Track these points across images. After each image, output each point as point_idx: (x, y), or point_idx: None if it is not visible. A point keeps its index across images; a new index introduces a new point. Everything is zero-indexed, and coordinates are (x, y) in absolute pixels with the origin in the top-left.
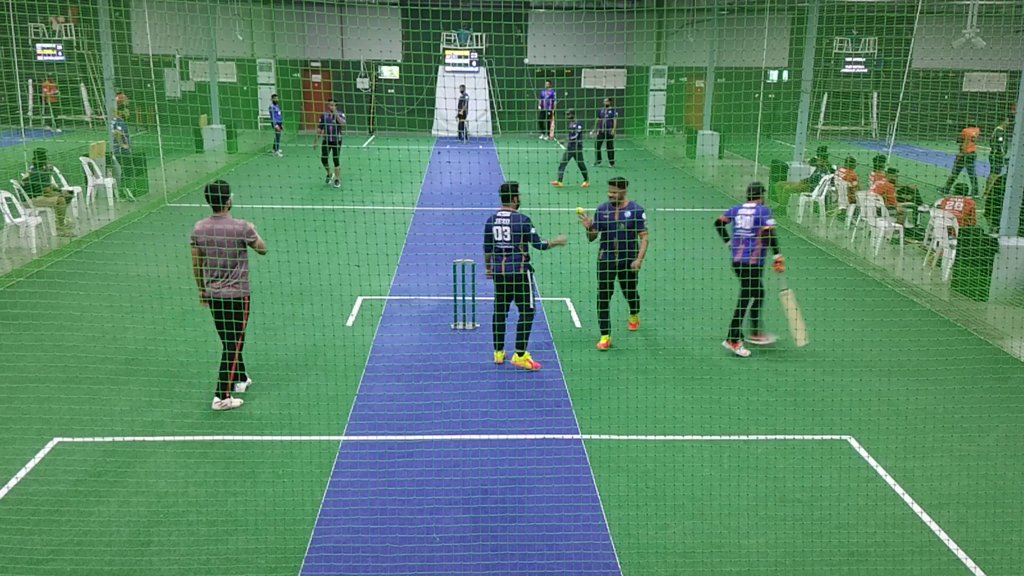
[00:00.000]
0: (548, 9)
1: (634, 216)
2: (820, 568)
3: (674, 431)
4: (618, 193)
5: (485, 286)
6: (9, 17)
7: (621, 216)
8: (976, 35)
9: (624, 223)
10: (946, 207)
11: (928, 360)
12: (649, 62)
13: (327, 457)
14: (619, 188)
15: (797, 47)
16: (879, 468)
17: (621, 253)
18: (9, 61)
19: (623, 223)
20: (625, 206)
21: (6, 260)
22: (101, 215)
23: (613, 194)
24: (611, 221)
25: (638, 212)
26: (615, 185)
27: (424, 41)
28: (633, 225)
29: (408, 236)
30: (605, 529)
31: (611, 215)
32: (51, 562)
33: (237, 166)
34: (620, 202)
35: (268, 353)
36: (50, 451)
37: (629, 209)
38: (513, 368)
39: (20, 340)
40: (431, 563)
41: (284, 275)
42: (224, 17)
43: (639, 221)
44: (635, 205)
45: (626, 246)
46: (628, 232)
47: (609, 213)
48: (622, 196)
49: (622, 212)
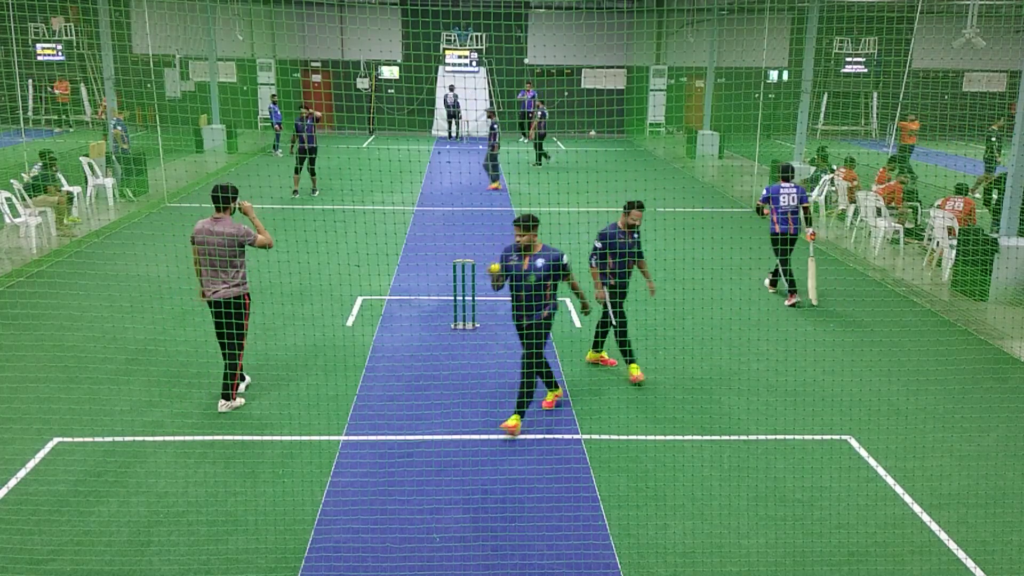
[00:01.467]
0: (548, 9)
1: (548, 267)
2: (820, 568)
3: (674, 431)
4: (525, 237)
5: (485, 286)
6: (9, 17)
7: (531, 266)
8: (976, 35)
9: (533, 275)
10: (946, 207)
11: (928, 360)
12: (649, 62)
13: (327, 457)
14: (525, 230)
15: (797, 47)
16: (879, 468)
17: (528, 308)
18: (9, 61)
19: (532, 274)
20: (538, 251)
21: (6, 260)
22: (101, 215)
23: (520, 237)
24: (518, 272)
25: (554, 259)
26: (521, 226)
27: (424, 41)
28: (547, 278)
29: (408, 236)
30: (605, 529)
31: (518, 264)
32: (51, 562)
33: (237, 166)
34: (531, 247)
35: (268, 353)
36: (50, 451)
37: (542, 257)
38: (513, 368)
39: (20, 340)
40: (431, 563)
41: (284, 275)
42: (224, 17)
43: (555, 273)
44: (551, 252)
45: (533, 304)
46: (537, 286)
47: (517, 261)
48: (532, 240)
49: (532, 260)
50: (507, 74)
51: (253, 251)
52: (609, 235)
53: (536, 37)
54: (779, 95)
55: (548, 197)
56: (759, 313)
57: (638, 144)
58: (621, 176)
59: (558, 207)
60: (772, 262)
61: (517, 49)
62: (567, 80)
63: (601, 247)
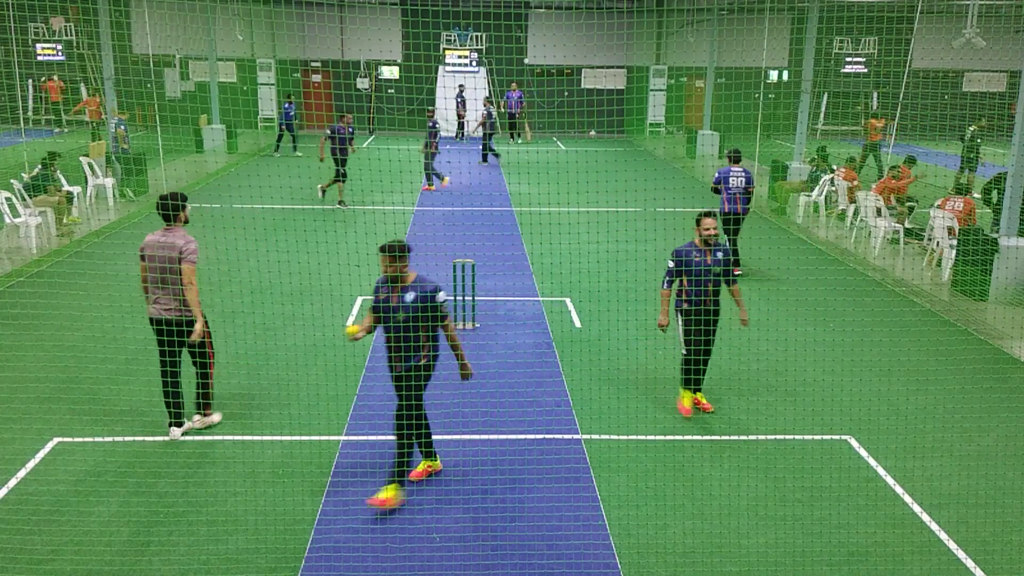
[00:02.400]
0: (548, 9)
1: (419, 303)
2: (820, 568)
3: (674, 431)
4: (393, 267)
5: (485, 286)
6: (9, 17)
7: (400, 300)
8: (976, 35)
9: (402, 311)
10: (946, 207)
11: (928, 360)
12: (649, 62)
13: (327, 457)
14: (392, 259)
15: (797, 47)
16: (879, 468)
17: (399, 351)
18: (9, 61)
19: (401, 311)
20: (409, 283)
21: (6, 260)
22: (101, 215)
23: (387, 267)
24: (385, 307)
25: (426, 292)
26: (387, 254)
27: (424, 41)
28: (417, 318)
29: (408, 236)
30: (605, 529)
31: (387, 298)
32: (51, 562)
33: (237, 166)
34: (401, 278)
35: (268, 353)
36: (50, 451)
37: (413, 290)
38: (513, 368)
39: (20, 340)
40: (431, 563)
41: (284, 275)
42: (224, 17)
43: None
44: (425, 284)
45: (403, 347)
46: (407, 325)
47: (386, 295)
48: (402, 271)
49: (402, 294)
50: (507, 74)
51: (253, 251)
52: (684, 253)
53: (536, 37)
54: (779, 95)
55: (548, 197)
56: (759, 313)
57: (638, 144)
58: (621, 176)
59: (558, 207)
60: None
61: (517, 49)
62: (567, 80)
63: (674, 266)
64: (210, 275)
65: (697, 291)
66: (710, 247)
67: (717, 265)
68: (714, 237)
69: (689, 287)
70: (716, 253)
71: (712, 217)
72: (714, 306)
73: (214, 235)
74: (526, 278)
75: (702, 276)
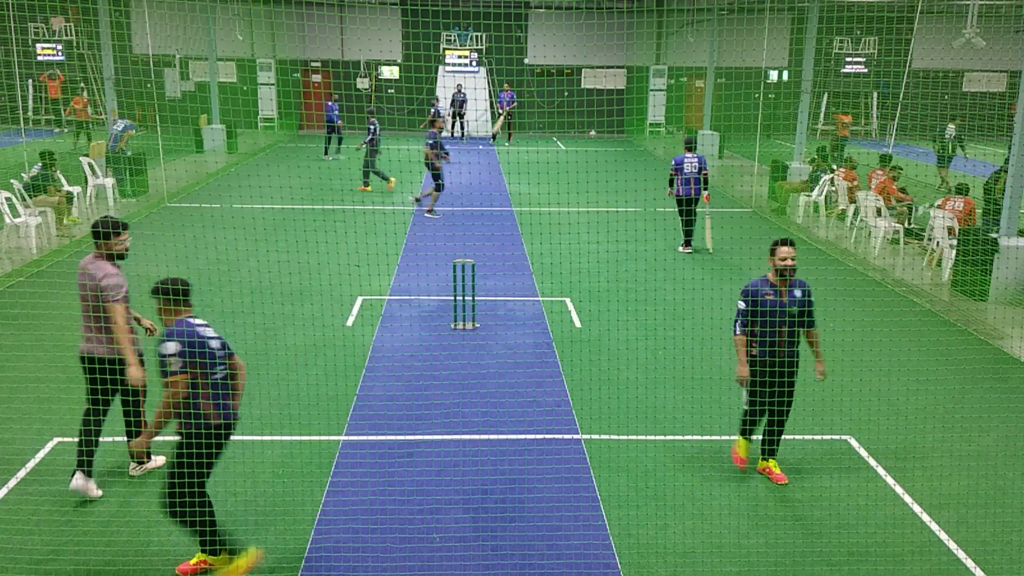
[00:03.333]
0: (548, 9)
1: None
2: (820, 568)
3: (674, 431)
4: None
5: (485, 286)
6: (9, 17)
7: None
8: (976, 35)
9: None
10: (946, 207)
11: (928, 360)
12: (649, 62)
13: (327, 457)
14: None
15: (797, 47)
16: (879, 468)
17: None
18: (9, 61)
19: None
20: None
21: (6, 260)
22: (101, 215)
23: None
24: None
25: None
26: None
27: (424, 41)
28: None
29: (408, 236)
30: (605, 529)
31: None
32: (51, 562)
33: (237, 166)
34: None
35: (268, 353)
36: (50, 451)
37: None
38: (513, 368)
39: (20, 340)
40: (431, 563)
41: (284, 275)
42: (224, 17)
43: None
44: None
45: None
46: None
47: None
48: (169, 314)
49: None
50: (507, 74)
51: (253, 251)
52: (753, 291)
53: (536, 37)
54: (779, 95)
55: (548, 197)
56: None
57: (638, 144)
58: (621, 176)
59: (558, 207)
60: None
61: (517, 49)
62: (567, 80)
63: (745, 308)
64: (210, 275)
65: (770, 337)
66: (786, 282)
67: (794, 306)
68: (792, 268)
69: (759, 330)
70: (793, 291)
71: (789, 245)
72: (789, 356)
73: (214, 235)
74: (526, 278)
75: (776, 318)
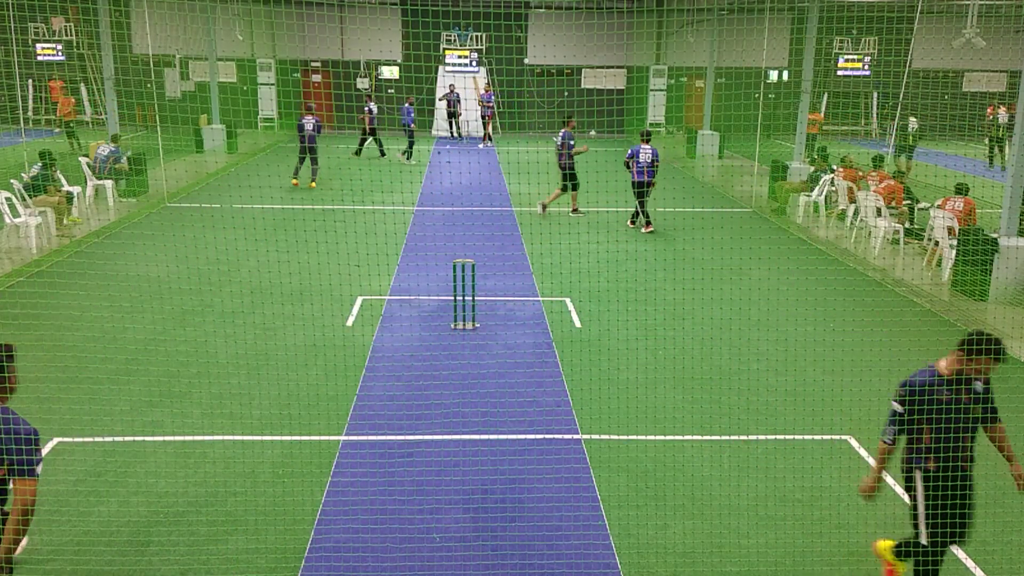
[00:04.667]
0: (548, 9)
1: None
2: (820, 568)
3: (674, 431)
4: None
5: (485, 286)
6: (9, 17)
7: None
8: (976, 35)
9: None
10: (946, 207)
11: (928, 360)
12: (649, 62)
13: (327, 457)
14: None
15: (797, 47)
16: None
17: None
18: (9, 61)
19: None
20: None
21: (6, 260)
22: (101, 215)
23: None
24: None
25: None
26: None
27: (424, 41)
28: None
29: (408, 236)
30: (605, 529)
31: None
32: (51, 562)
33: (237, 166)
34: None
35: (268, 353)
36: (50, 451)
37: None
38: (513, 368)
39: (20, 340)
40: (431, 563)
41: (284, 275)
42: (224, 17)
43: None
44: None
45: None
46: None
47: None
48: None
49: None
50: (507, 74)
51: (253, 251)
52: (920, 389)
53: (536, 37)
54: (779, 95)
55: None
56: (759, 313)
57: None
58: (621, 176)
59: (558, 207)
60: (633, 204)
61: (517, 49)
62: (567, 80)
63: (904, 411)
64: (210, 275)
65: (947, 449)
66: (968, 382)
67: (978, 403)
68: (984, 375)
69: (936, 437)
70: (975, 384)
71: (1000, 359)
72: (971, 461)
73: (214, 235)
74: (526, 278)
75: (959, 424)
